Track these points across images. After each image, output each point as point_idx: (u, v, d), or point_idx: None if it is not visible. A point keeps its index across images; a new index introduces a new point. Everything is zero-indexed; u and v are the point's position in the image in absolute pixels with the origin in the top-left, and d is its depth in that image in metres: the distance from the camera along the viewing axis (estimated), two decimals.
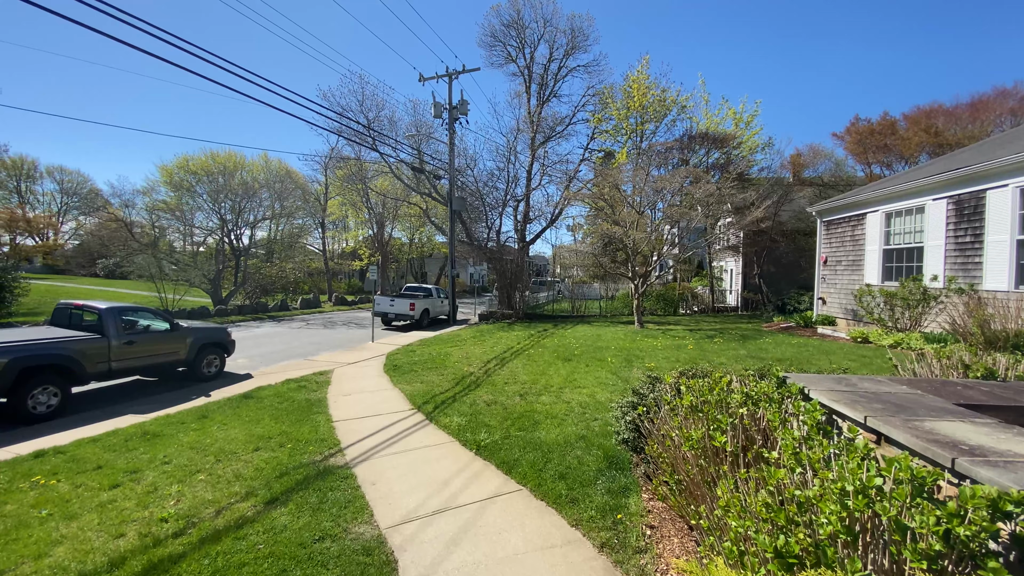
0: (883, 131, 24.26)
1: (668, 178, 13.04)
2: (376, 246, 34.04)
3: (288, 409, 6.76)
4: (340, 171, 28.48)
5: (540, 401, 6.48)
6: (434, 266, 46.37)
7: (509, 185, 21.68)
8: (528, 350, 11.03)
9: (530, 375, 8.15)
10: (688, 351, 9.67)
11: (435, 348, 12.22)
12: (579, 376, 7.84)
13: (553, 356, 9.87)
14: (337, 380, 9.02)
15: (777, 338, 11.40)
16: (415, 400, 7.09)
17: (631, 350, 10.04)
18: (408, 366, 9.91)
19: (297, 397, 7.52)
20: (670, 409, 3.13)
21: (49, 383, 6.91)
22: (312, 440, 5.32)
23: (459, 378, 8.41)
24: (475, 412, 6.10)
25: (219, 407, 7.07)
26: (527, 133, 22.29)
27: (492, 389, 7.33)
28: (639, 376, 7.66)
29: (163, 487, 4.29)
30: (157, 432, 5.93)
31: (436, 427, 5.71)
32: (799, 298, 16.51)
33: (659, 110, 19.73)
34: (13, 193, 38.38)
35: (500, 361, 9.78)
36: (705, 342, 10.98)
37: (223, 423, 6.23)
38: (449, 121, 20.46)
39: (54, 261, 38.57)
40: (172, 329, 8.73)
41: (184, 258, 22.21)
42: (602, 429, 5.10)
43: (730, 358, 8.78)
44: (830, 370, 7.05)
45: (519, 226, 22.88)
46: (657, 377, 4.10)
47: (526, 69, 23.66)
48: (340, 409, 6.78)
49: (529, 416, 5.78)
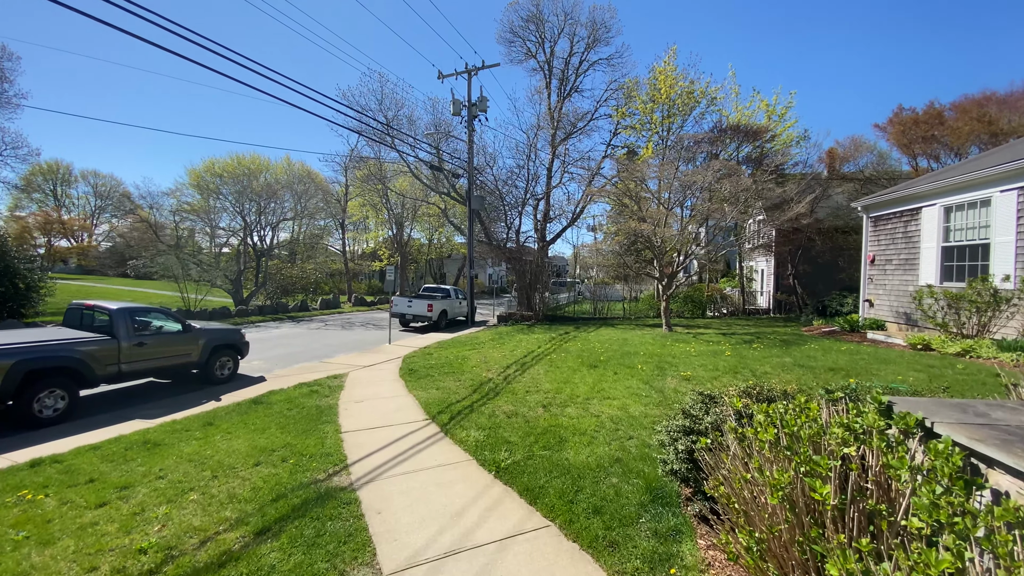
0: (929, 121, 22.62)
1: (700, 172, 12.21)
2: (395, 247, 33.97)
3: (297, 417, 6.35)
4: (360, 171, 28.46)
5: (566, 414, 5.87)
6: (453, 267, 46.18)
7: (529, 183, 21.13)
8: (550, 355, 10.43)
9: (553, 383, 7.55)
10: (726, 358, 8.89)
11: (452, 351, 11.74)
12: (607, 385, 7.20)
13: (577, 362, 9.24)
14: (351, 385, 8.62)
15: (823, 344, 10.47)
16: (430, 409, 6.59)
17: (662, 356, 9.32)
18: (424, 370, 9.44)
19: (308, 403, 7.13)
20: (738, 440, 2.50)
21: (56, 386, 6.69)
22: (317, 455, 4.86)
23: (477, 385, 7.88)
24: (494, 425, 5.55)
25: (227, 413, 6.73)
26: (547, 130, 21.69)
27: (512, 398, 6.77)
28: (674, 386, 6.97)
29: (151, 508, 3.88)
30: (159, 441, 5.59)
31: (451, 442, 5.18)
32: (841, 300, 15.39)
33: (687, 102, 18.82)
34: (49, 196, 40.11)
35: (521, 366, 9.21)
36: (743, 348, 10.15)
37: (228, 432, 5.86)
38: (468, 118, 20.03)
39: (87, 262, 40.03)
40: (184, 330, 8.49)
41: (206, 259, 22.45)
42: (640, 451, 4.46)
43: (775, 366, 7.97)
44: (895, 382, 6.22)
45: (539, 225, 22.28)
46: (712, 395, 3.45)
47: (546, 64, 23.06)
48: (350, 418, 6.34)
49: (554, 432, 5.19)
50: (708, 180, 11.74)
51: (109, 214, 44.44)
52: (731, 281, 28.20)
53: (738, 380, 7.22)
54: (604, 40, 22.24)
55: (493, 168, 20.85)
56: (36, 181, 38.34)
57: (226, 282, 21.83)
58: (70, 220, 39.78)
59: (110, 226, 44.61)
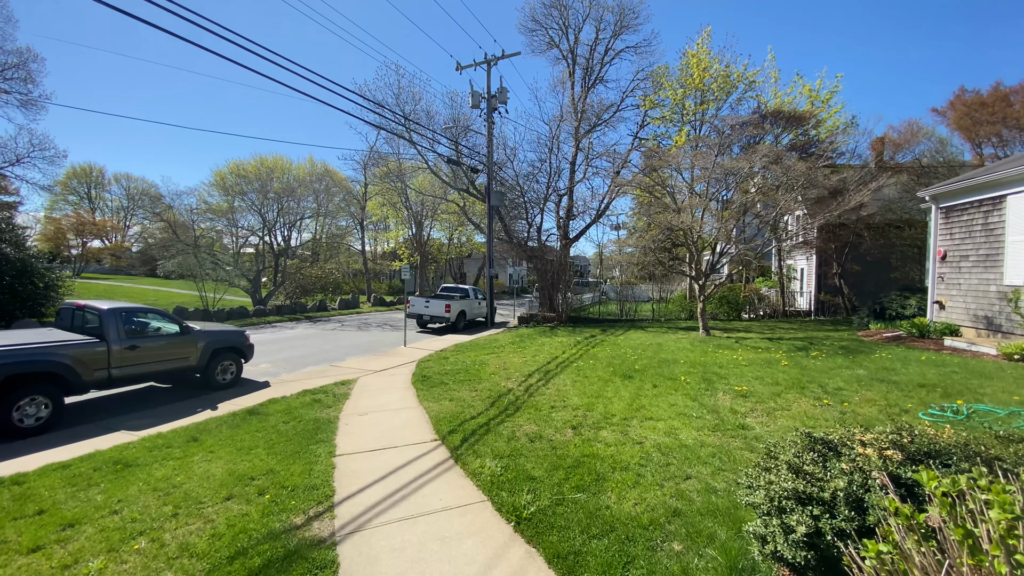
0: (996, 103, 20.47)
1: (744, 158, 10.96)
2: (415, 246, 33.50)
3: (290, 434, 5.58)
4: (379, 169, 28.05)
5: (600, 439, 4.88)
6: (473, 267, 45.52)
7: (551, 178, 20.12)
8: (576, 361, 9.42)
9: (583, 397, 6.55)
10: (784, 369, 7.69)
11: (470, 355, 10.88)
12: (647, 401, 6.16)
13: (609, 371, 8.20)
14: (358, 393, 7.86)
15: (894, 352, 9.10)
16: (440, 425, 5.71)
17: (707, 365, 8.18)
18: (438, 377, 8.61)
19: (306, 416, 6.37)
20: (914, 538, 1.48)
21: (38, 393, 6.13)
22: (301, 487, 4.04)
23: (495, 396, 6.96)
24: (514, 451, 4.61)
25: (217, 426, 6.03)
26: (570, 122, 20.61)
27: (536, 416, 5.82)
28: (729, 404, 5.86)
29: (86, 559, 3.12)
30: (132, 460, 4.90)
31: (462, 473, 4.27)
32: (903, 301, 13.78)
33: (723, 87, 17.43)
34: (84, 199, 41.51)
35: (544, 375, 8.25)
36: (800, 357, 8.89)
37: (211, 450, 5.12)
38: (487, 111, 19.17)
39: (120, 263, 41.21)
40: (182, 332, 7.89)
41: (225, 258, 22.35)
42: (705, 500, 3.43)
43: (848, 381, 6.75)
44: (1014, 404, 4.98)
45: (561, 222, 21.23)
46: (830, 442, 2.43)
47: (569, 54, 22.00)
48: (350, 436, 5.52)
49: (588, 464, 4.21)
50: (754, 167, 10.49)
51: (140, 216, 45.83)
52: (767, 281, 26.47)
53: (808, 398, 6.06)
54: (632, 27, 21.03)
55: (514, 163, 19.95)
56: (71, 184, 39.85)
57: (245, 282, 21.63)
58: (102, 222, 41.08)
59: (141, 227, 45.97)
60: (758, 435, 4.77)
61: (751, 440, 4.62)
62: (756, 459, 3.98)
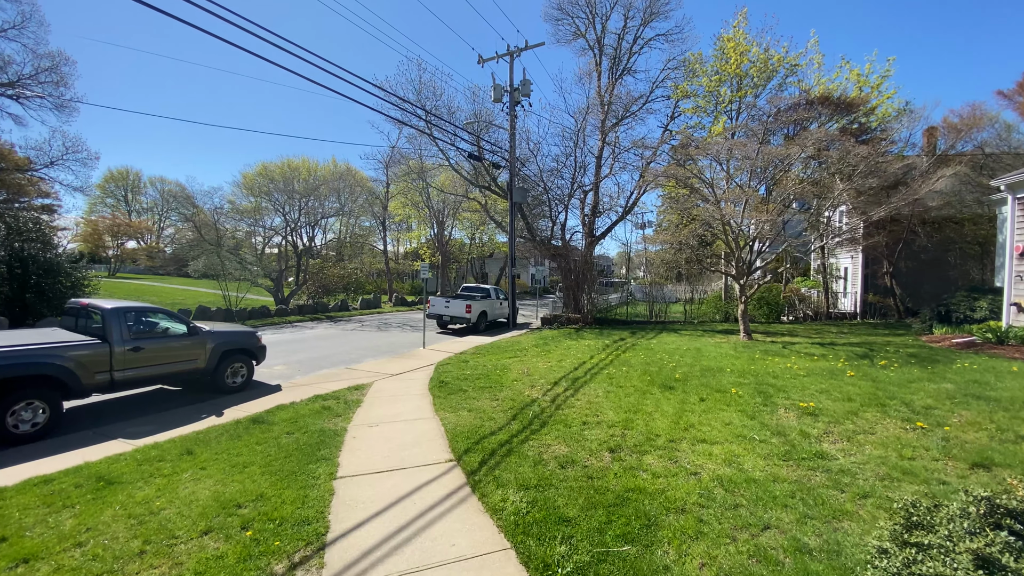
0: None
1: (795, 143, 9.86)
2: (436, 246, 33.20)
3: (291, 448, 5.01)
4: (400, 168, 27.81)
5: (645, 466, 4.09)
6: (495, 266, 44.99)
7: (576, 173, 19.26)
8: (607, 368, 8.61)
9: (618, 411, 5.76)
10: (852, 381, 6.67)
11: (491, 359, 10.21)
12: (695, 418, 5.32)
13: (645, 380, 7.36)
14: (371, 400, 7.30)
15: (976, 361, 7.91)
16: (457, 442, 5.04)
17: (758, 375, 7.24)
18: (457, 383, 7.97)
19: (313, 426, 5.82)
20: None
21: (35, 397, 5.79)
22: (290, 521, 3.42)
23: (518, 407, 6.25)
24: (542, 480, 3.89)
25: (217, 436, 5.55)
26: (596, 115, 19.70)
27: (565, 433, 5.06)
28: (796, 424, 4.93)
29: None
30: (117, 477, 4.42)
31: (481, 506, 3.57)
32: (971, 303, 12.35)
33: (762, 72, 16.19)
34: (121, 201, 43.14)
35: (572, 383, 7.48)
36: (865, 366, 7.82)
37: (203, 467, 4.60)
38: (510, 104, 18.50)
39: (153, 263, 42.61)
40: (189, 333, 7.50)
41: (248, 257, 22.44)
42: (799, 567, 2.58)
43: (935, 397, 5.72)
44: None
45: (586, 219, 20.34)
46: None
47: (596, 44, 21.10)
48: (355, 453, 4.91)
49: (634, 502, 3.44)
50: (808, 152, 9.40)
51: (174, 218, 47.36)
52: (806, 281, 24.86)
53: (893, 419, 5.09)
54: (662, 13, 19.96)
55: (537, 157, 19.16)
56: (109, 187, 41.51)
57: (267, 281, 21.65)
58: (137, 223, 42.61)
59: (175, 229, 47.46)
60: (844, 468, 3.89)
61: (837, 475, 3.75)
62: (850, 502, 3.14)
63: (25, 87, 17.71)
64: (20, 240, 12.80)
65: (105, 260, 39.50)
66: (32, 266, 12.76)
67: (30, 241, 13.02)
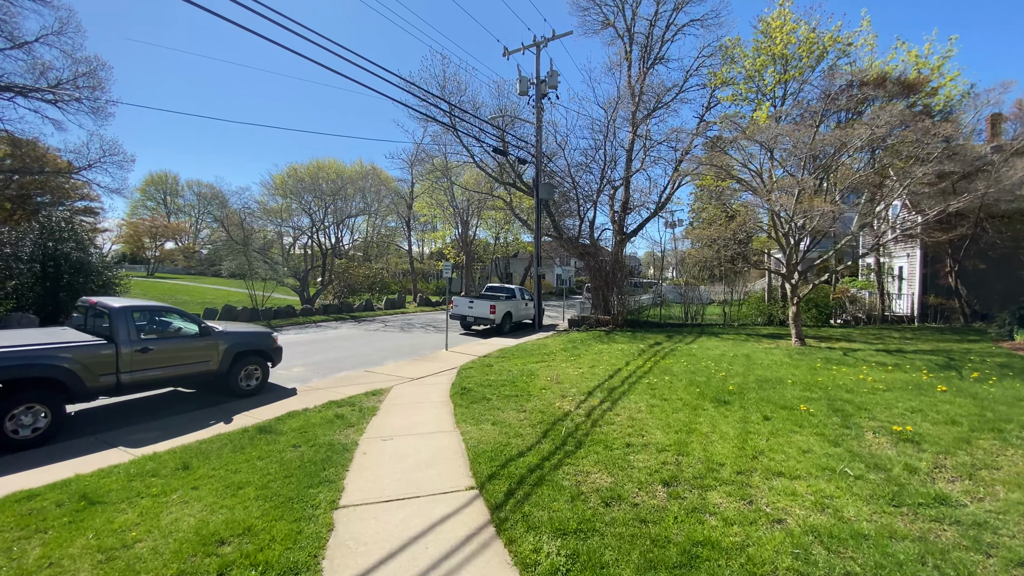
0: None
1: (864, 124, 8.70)
2: (461, 246, 32.84)
3: (294, 466, 4.46)
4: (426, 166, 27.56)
5: (712, 507, 3.28)
6: (519, 266, 44.34)
7: (605, 168, 18.34)
8: (646, 377, 7.76)
9: (667, 430, 4.94)
10: (946, 398, 5.62)
11: (517, 363, 9.52)
12: (762, 441, 4.45)
13: (693, 392, 6.48)
14: (387, 407, 6.74)
15: None
16: (480, 464, 4.36)
17: (827, 388, 6.25)
18: (480, 390, 7.32)
19: (322, 438, 5.27)
20: None
21: (36, 401, 5.47)
22: (277, 567, 2.82)
23: (549, 421, 5.52)
24: (582, 523, 3.14)
25: (219, 448, 5.07)
26: (627, 106, 18.73)
27: (607, 458, 4.30)
28: (893, 454, 3.93)
29: None
30: (102, 496, 3.97)
31: (507, 557, 2.87)
32: None
33: (811, 52, 14.86)
34: (161, 204, 44.91)
35: (608, 394, 6.69)
36: (952, 378, 6.69)
37: (195, 486, 4.10)
38: (536, 97, 17.78)
39: (190, 263, 44.11)
40: (201, 333, 7.12)
41: (275, 256, 22.55)
42: None
43: None
44: None
45: (617, 216, 19.38)
46: None
47: (626, 33, 20.11)
48: (364, 473, 4.31)
49: (706, 561, 2.64)
50: (881, 132, 8.24)
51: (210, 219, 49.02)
52: (856, 281, 23.06)
53: (1017, 449, 4.09)
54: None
55: (565, 151, 18.34)
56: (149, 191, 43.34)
57: (293, 280, 21.67)
58: (174, 224, 44.30)
59: (210, 231, 49.04)
60: (978, 519, 2.99)
61: (971, 529, 2.85)
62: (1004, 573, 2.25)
63: (64, 92, 18.17)
64: (53, 240, 12.98)
65: (145, 261, 41.21)
66: (64, 265, 12.92)
67: (63, 241, 13.20)
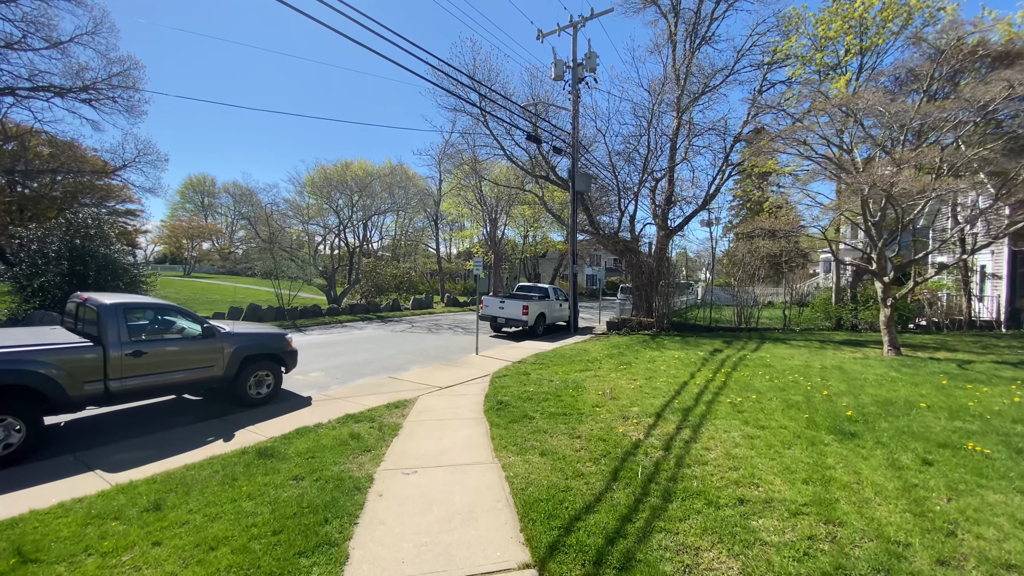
0: None
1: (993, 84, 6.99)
2: (489, 245, 31.88)
3: (288, 513, 3.40)
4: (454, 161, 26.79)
5: None
6: (548, 267, 42.95)
7: (648, 157, 16.84)
8: (723, 393, 6.38)
9: (790, 478, 3.60)
10: None
11: (557, 371, 8.30)
12: (940, 500, 3.08)
13: (795, 417, 5.08)
14: (412, 423, 5.69)
15: None
16: (533, 519, 3.18)
17: (983, 416, 4.73)
18: (520, 404, 6.16)
19: (331, 468, 4.24)
20: None
21: (7, 413, 4.68)
22: None
23: (616, 455, 4.28)
24: None
25: (206, 478, 4.11)
26: (672, 90, 17.18)
27: (717, 522, 3.03)
28: None
29: None
30: (40, 550, 3.04)
31: None
32: None
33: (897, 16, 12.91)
34: (200, 207, 46.24)
35: (684, 417, 5.36)
36: None
37: (157, 542, 3.12)
38: (572, 81, 16.51)
39: (225, 263, 45.12)
40: (205, 334, 6.26)
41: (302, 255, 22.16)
42: None
43: None
44: None
45: (659, 211, 17.83)
46: None
47: (671, 10, 18.50)
48: (378, 530, 3.20)
49: None
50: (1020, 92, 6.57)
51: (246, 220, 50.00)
52: (931, 280, 20.59)
53: None
54: None
55: (605, 136, 16.95)
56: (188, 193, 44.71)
57: (320, 279, 21.19)
58: (210, 225, 45.50)
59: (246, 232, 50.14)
60: None
61: None
62: None
63: (99, 92, 18.20)
64: (80, 237, 12.72)
65: (184, 261, 42.50)
66: (91, 263, 12.65)
67: (89, 238, 12.94)
